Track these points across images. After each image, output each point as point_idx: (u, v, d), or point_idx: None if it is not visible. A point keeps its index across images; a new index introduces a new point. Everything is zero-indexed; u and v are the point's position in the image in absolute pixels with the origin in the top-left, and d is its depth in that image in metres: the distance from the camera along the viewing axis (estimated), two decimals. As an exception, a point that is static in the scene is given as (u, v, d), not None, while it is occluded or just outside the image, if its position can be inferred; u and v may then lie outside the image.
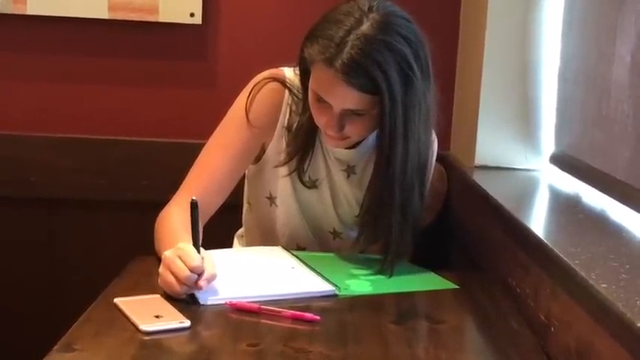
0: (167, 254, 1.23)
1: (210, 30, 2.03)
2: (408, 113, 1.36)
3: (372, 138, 1.51)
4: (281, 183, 1.56)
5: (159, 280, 1.24)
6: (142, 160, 2.02)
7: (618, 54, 1.46)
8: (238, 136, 1.51)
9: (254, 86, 1.52)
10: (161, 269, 1.23)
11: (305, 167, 1.52)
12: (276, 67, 1.56)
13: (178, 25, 2.00)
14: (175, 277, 1.20)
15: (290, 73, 1.53)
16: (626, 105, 1.42)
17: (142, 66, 2.05)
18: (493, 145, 1.84)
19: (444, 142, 2.04)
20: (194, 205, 1.23)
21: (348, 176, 1.56)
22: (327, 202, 1.58)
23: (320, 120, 1.41)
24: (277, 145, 1.54)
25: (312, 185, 1.56)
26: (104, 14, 1.98)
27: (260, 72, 1.56)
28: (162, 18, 1.99)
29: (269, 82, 1.52)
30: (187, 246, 1.23)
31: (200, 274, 1.20)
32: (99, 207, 2.06)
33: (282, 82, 1.52)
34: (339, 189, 1.57)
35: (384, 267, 1.43)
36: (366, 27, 1.32)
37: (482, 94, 1.82)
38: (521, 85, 1.82)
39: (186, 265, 1.19)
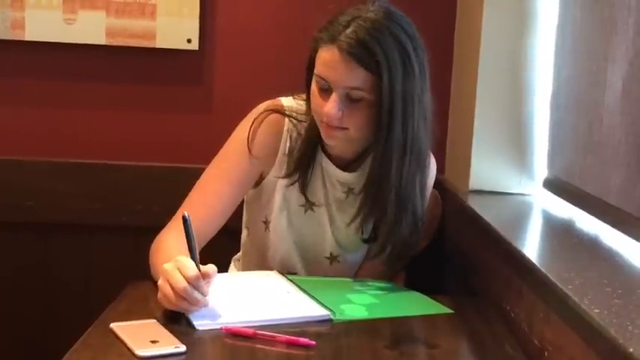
0: (166, 267, 1.23)
1: (207, 56, 2.05)
2: (406, 100, 1.40)
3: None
4: (275, 208, 1.57)
5: (158, 295, 1.24)
6: (138, 185, 2.03)
7: (610, 80, 1.47)
8: (239, 166, 1.53)
9: (255, 119, 1.54)
10: (160, 282, 1.24)
11: (307, 178, 1.54)
12: (272, 92, 1.58)
13: (175, 51, 2.02)
14: (172, 288, 1.21)
15: (288, 102, 1.56)
16: (617, 131, 1.43)
17: (139, 91, 2.06)
18: (487, 169, 1.85)
19: (438, 167, 2.05)
20: (185, 221, 1.24)
21: (347, 197, 1.58)
22: (325, 226, 1.59)
23: (320, 110, 1.43)
24: (277, 172, 1.56)
25: (309, 206, 1.57)
26: (102, 40, 2.00)
27: (256, 98, 1.59)
28: (160, 44, 2.01)
29: (269, 114, 1.55)
30: (185, 258, 1.23)
31: (198, 288, 1.20)
32: (95, 231, 2.06)
33: (281, 111, 1.55)
34: (338, 212, 1.58)
35: (378, 255, 1.51)
36: (370, 14, 1.40)
37: (476, 119, 1.84)
38: (515, 110, 1.84)
39: (183, 275, 1.20)
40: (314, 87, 1.44)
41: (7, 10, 1.97)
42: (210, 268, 1.23)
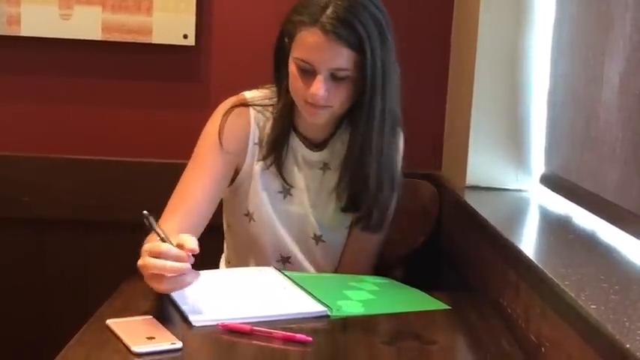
0: (139, 263, 1.24)
1: (203, 52, 2.04)
2: (385, 72, 1.44)
3: (344, 135, 1.56)
4: (255, 198, 1.58)
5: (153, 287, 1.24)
6: (135, 181, 2.03)
7: (607, 76, 1.47)
8: (215, 162, 1.54)
9: (222, 116, 1.56)
10: (145, 278, 1.24)
11: (282, 159, 1.55)
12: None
13: (171, 46, 2.01)
14: (153, 275, 1.21)
15: (251, 94, 1.60)
16: (614, 127, 1.43)
17: (135, 87, 2.06)
18: (484, 165, 1.85)
19: (435, 163, 2.06)
20: (145, 217, 1.25)
21: (324, 173, 1.60)
22: (305, 208, 1.60)
23: (304, 92, 1.45)
24: (250, 162, 1.57)
25: (287, 191, 1.58)
26: (97, 35, 1.99)
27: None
28: (156, 39, 2.00)
29: (235, 108, 1.57)
30: (148, 244, 1.24)
31: (170, 257, 1.20)
32: (91, 227, 2.06)
33: (245, 104, 1.58)
34: (315, 190, 1.60)
35: (363, 220, 1.55)
36: None
37: (473, 115, 1.84)
38: (512, 106, 1.84)
39: (151, 255, 1.21)
40: (294, 69, 1.46)
41: (2, 6, 1.97)
42: (186, 238, 1.23)
